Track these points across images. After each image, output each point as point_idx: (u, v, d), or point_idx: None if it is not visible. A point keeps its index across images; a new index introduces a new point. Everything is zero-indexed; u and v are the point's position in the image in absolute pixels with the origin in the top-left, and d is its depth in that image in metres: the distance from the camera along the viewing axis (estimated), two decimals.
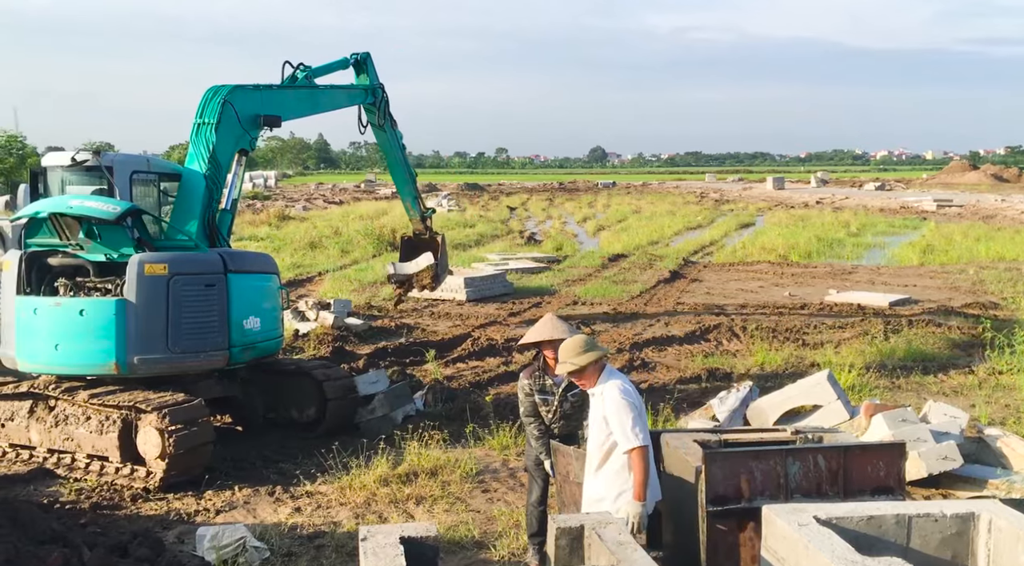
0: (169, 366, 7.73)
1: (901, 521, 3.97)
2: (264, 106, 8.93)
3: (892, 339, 12.39)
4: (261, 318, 8.39)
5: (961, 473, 6.90)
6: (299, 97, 9.64)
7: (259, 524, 6.52)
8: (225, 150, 8.53)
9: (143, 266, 7.54)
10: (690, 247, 27.34)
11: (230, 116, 8.49)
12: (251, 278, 8.35)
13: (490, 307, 16.14)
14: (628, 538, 3.94)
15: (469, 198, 59.90)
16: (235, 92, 8.62)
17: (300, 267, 22.04)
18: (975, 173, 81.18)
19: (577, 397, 5.51)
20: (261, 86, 9.11)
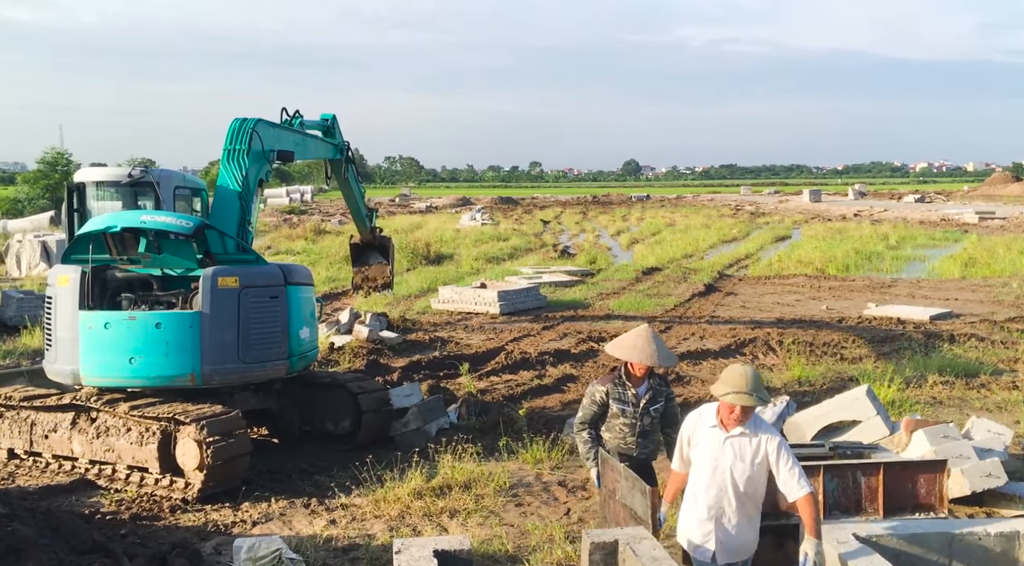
0: (240, 376, 7.97)
1: (944, 539, 3.90)
2: (279, 142, 9.41)
3: (933, 354, 12.16)
4: (311, 328, 8.72)
5: (1006, 491, 6.73)
6: (295, 140, 10.11)
7: (295, 536, 6.57)
8: (253, 176, 8.83)
9: (216, 279, 7.77)
10: (725, 260, 27.11)
11: (256, 146, 8.84)
12: (302, 290, 8.58)
13: (523, 320, 16.14)
14: (663, 553, 3.91)
15: (503, 212, 60.05)
16: (260, 125, 8.98)
17: (336, 281, 22.23)
18: (1018, 185, 79.49)
19: (658, 413, 5.46)
20: (276, 124, 9.63)
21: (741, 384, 4.25)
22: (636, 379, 5.40)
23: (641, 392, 5.42)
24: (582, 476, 7.85)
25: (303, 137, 10.48)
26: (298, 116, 10.48)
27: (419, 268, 24.54)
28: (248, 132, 8.76)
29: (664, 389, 5.60)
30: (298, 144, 10.21)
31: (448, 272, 23.73)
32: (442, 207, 66.90)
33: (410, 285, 20.87)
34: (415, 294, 19.77)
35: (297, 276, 8.60)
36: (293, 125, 10.30)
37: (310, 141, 10.83)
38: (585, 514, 7.01)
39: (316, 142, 11.07)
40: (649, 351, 5.26)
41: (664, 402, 5.51)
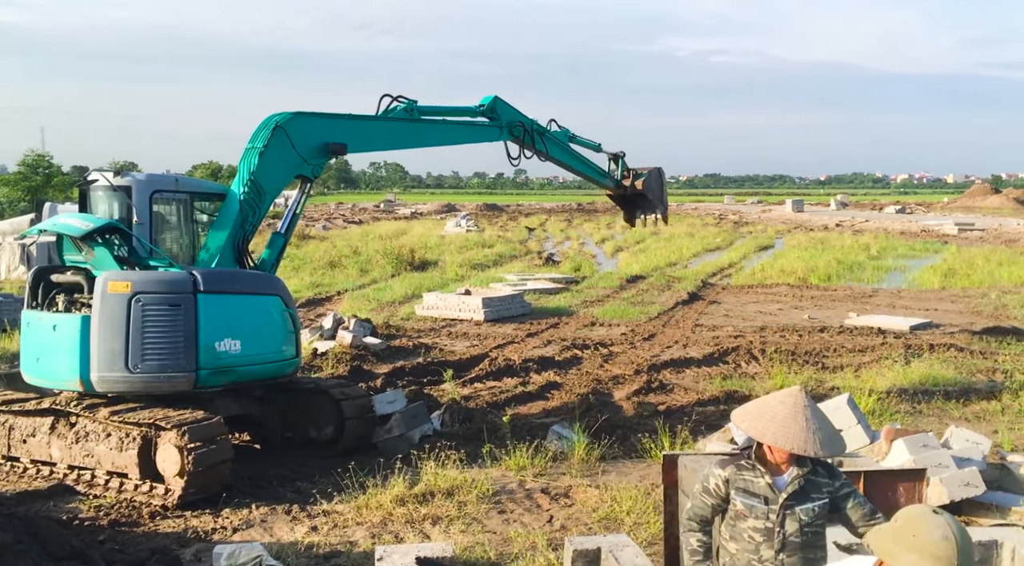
0: (129, 385, 7.64)
1: None
2: (332, 134, 8.80)
3: (913, 363, 12.27)
4: (245, 340, 7.98)
5: (984, 500, 6.80)
6: (391, 129, 9.46)
7: (276, 543, 6.54)
8: (271, 176, 8.52)
9: (107, 283, 7.60)
10: (708, 269, 27.25)
11: (282, 143, 8.48)
12: (235, 299, 8.04)
13: (508, 327, 16.15)
14: (645, 561, 3.93)
15: (488, 218, 60.11)
16: (294, 120, 8.56)
17: (319, 286, 22.16)
18: (997, 197, 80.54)
19: (815, 516, 3.61)
20: (328, 114, 8.97)
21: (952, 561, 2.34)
22: (774, 464, 3.64)
23: (781, 483, 3.62)
24: (565, 483, 7.86)
25: (406, 125, 9.57)
26: (408, 102, 9.52)
27: (404, 274, 24.51)
28: (271, 129, 8.44)
29: (826, 479, 3.64)
30: (393, 133, 9.51)
31: (433, 278, 23.71)
32: (427, 213, 66.86)
33: (394, 291, 20.83)
34: (399, 300, 19.74)
35: (229, 284, 8.08)
36: (394, 113, 9.45)
37: (430, 128, 9.87)
38: (568, 521, 7.01)
39: (444, 127, 10.05)
40: (800, 432, 3.44)
41: (828, 498, 3.63)
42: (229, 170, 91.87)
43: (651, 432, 8.84)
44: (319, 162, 8.87)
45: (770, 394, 3.65)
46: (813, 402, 3.52)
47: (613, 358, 13.25)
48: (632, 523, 6.80)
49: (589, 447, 8.45)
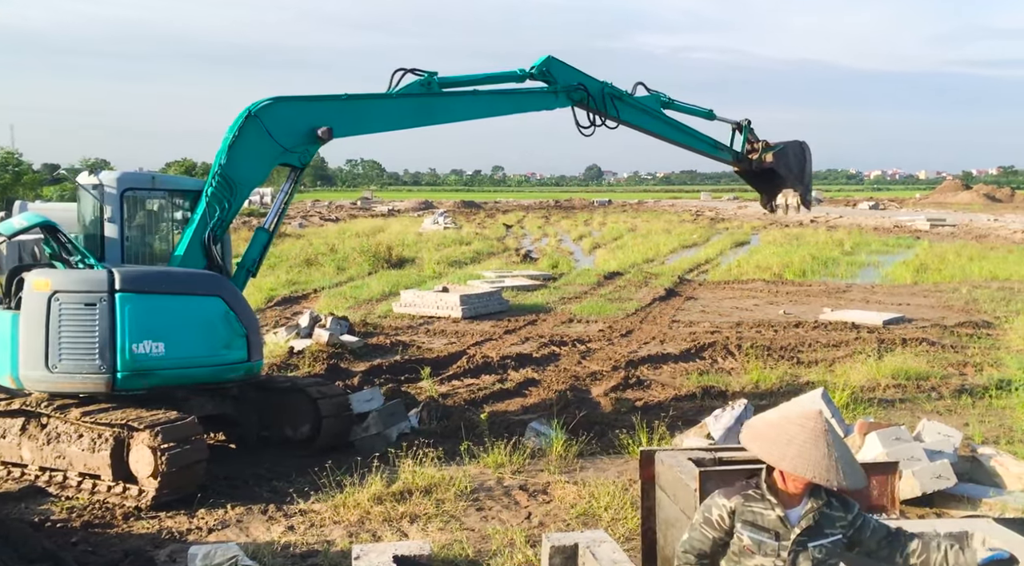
0: (50, 385, 7.59)
1: None
2: (319, 118, 8.33)
3: (886, 358, 12.41)
4: (171, 343, 7.66)
5: (955, 492, 6.90)
6: (401, 106, 8.71)
7: (252, 543, 6.49)
8: (244, 168, 8.21)
9: (31, 282, 7.58)
10: (685, 265, 27.40)
11: (256, 132, 8.15)
12: (160, 299, 7.71)
13: (485, 324, 16.14)
14: (623, 556, 3.94)
15: (465, 215, 60.05)
16: (271, 106, 8.19)
17: (296, 284, 22.02)
18: (968, 193, 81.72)
19: (829, 553, 3.24)
20: (313, 97, 8.44)
21: None
22: (787, 494, 3.23)
23: (794, 516, 3.23)
24: (543, 480, 7.87)
25: (419, 100, 8.80)
26: (427, 75, 8.74)
27: (381, 272, 24.41)
28: (243, 117, 8.13)
29: (841, 513, 3.29)
30: (399, 110, 8.73)
31: (410, 276, 23.64)
32: (404, 210, 66.67)
33: (372, 289, 20.74)
34: (377, 298, 19.66)
35: (155, 283, 7.74)
36: (409, 88, 8.69)
37: (455, 100, 9.01)
38: (546, 518, 7.02)
39: (475, 99, 9.15)
40: (822, 460, 3.02)
41: (843, 535, 3.28)
42: (204, 167, 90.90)
43: (629, 428, 8.87)
44: (305, 149, 8.41)
45: (783, 414, 3.21)
46: (834, 429, 3.09)
47: (591, 354, 13.29)
48: (610, 519, 6.83)
49: (567, 443, 8.47)
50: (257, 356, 8.33)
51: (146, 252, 8.50)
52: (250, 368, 8.28)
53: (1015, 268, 24.34)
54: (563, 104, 9.40)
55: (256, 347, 8.29)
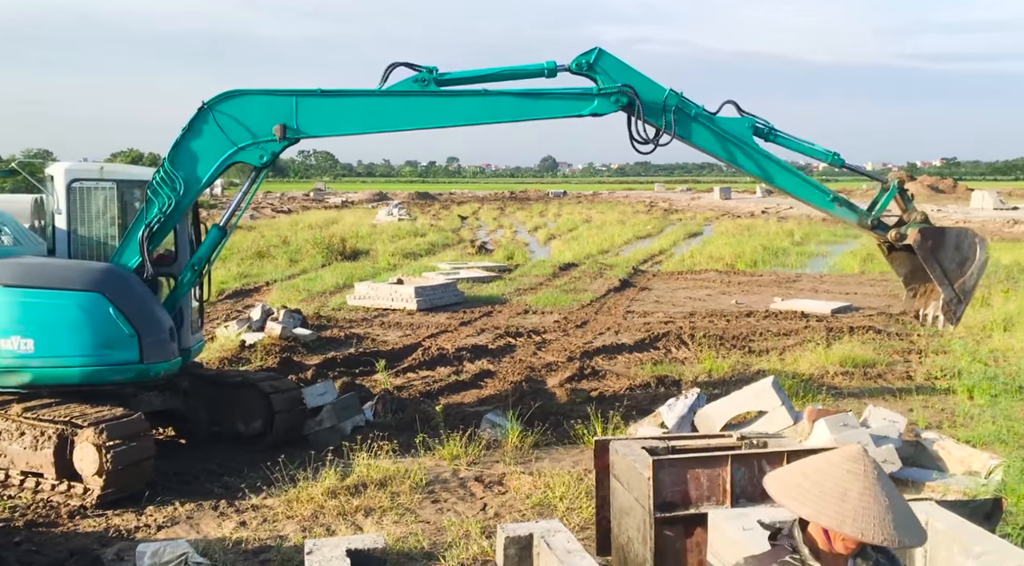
0: None
1: None
2: (282, 114, 7.75)
3: (834, 346, 12.67)
4: (41, 340, 7.33)
5: (900, 476, 7.07)
6: (381, 105, 7.87)
7: (202, 539, 6.38)
8: (192, 163, 7.89)
9: None
10: (640, 256, 27.63)
11: (207, 126, 7.80)
12: (26, 293, 7.41)
13: (441, 316, 16.08)
14: (576, 546, 3.96)
15: (420, 207, 59.73)
16: (229, 100, 7.78)
17: (247, 277, 21.69)
18: (913, 184, 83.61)
19: None
20: (280, 90, 7.81)
21: None
22: (831, 556, 2.57)
23: None
24: (499, 471, 7.88)
25: (365, 99, 7.87)
26: (426, 71, 7.82)
27: (334, 264, 24.16)
28: (196, 110, 7.80)
29: None
30: (379, 109, 7.81)
31: (364, 268, 23.44)
32: (358, 202, 66.04)
33: (325, 281, 20.53)
34: (330, 290, 19.46)
35: (16, 276, 7.44)
36: (402, 85, 7.84)
37: (452, 101, 7.91)
38: (502, 509, 7.03)
39: (478, 100, 7.92)
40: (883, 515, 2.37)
41: None
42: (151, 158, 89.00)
43: (584, 418, 8.92)
44: (264, 147, 7.84)
45: (820, 457, 2.51)
46: (885, 476, 2.48)
47: (546, 345, 13.32)
48: (565, 508, 6.86)
49: (522, 434, 8.49)
50: (156, 358, 7.73)
51: (94, 245, 8.26)
52: (143, 371, 7.69)
53: None
54: (603, 110, 7.86)
55: (154, 348, 7.69)
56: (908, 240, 8.19)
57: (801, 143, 8.34)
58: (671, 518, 4.93)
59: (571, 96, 7.98)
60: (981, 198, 56.55)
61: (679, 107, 7.91)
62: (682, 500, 4.96)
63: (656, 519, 4.89)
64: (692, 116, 7.98)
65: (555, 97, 8.02)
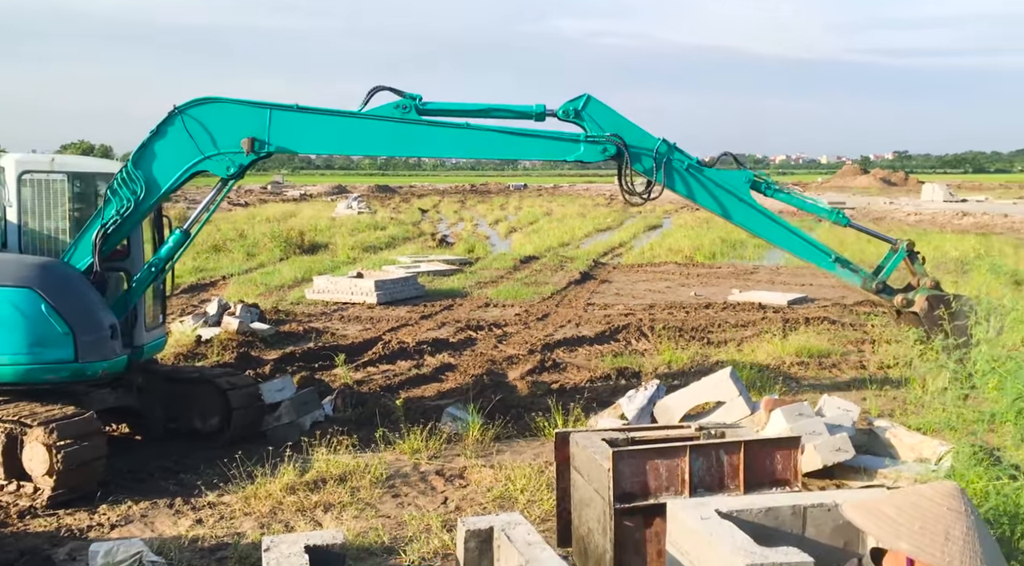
0: None
1: (797, 512, 4.12)
2: (260, 127, 7.54)
3: (790, 336, 12.88)
4: None
5: (853, 464, 7.21)
6: (359, 128, 7.65)
7: (157, 538, 6.27)
8: (155, 167, 7.67)
9: None
10: (600, 249, 27.77)
11: (176, 130, 7.62)
12: None
13: (401, 310, 16.00)
14: (537, 538, 3.96)
15: (380, 200, 59.30)
16: (201, 106, 7.60)
17: (203, 271, 21.36)
18: (866, 177, 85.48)
19: None
20: (255, 102, 7.59)
21: None
22: None
23: None
24: (460, 464, 7.87)
25: (343, 120, 7.66)
26: (408, 97, 7.61)
27: (293, 258, 23.89)
28: (167, 113, 7.58)
29: None
30: (353, 132, 7.59)
31: (323, 262, 23.21)
32: (317, 195, 65.37)
33: (283, 275, 20.28)
34: (288, 284, 19.24)
35: None
36: (383, 110, 7.60)
37: (401, 130, 7.63)
38: (463, 502, 7.02)
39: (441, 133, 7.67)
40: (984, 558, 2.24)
41: None
42: (103, 150, 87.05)
43: (545, 410, 8.95)
44: (232, 159, 7.65)
45: (912, 491, 2.40)
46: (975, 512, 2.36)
47: (507, 338, 13.33)
48: (526, 501, 6.87)
49: (483, 427, 8.48)
50: (93, 357, 7.49)
51: (45, 238, 8.04)
52: (79, 370, 7.45)
53: None
54: (589, 157, 7.75)
55: (90, 347, 7.46)
56: (915, 307, 8.01)
57: (803, 199, 8.31)
58: (631, 509, 4.97)
59: (557, 140, 7.81)
60: (931, 191, 57.92)
61: (670, 158, 7.72)
62: (641, 491, 5.00)
63: (616, 510, 4.93)
64: (684, 169, 7.79)
65: (541, 139, 7.84)
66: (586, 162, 7.90)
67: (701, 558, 3.84)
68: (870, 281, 8.05)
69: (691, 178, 7.80)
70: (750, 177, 7.96)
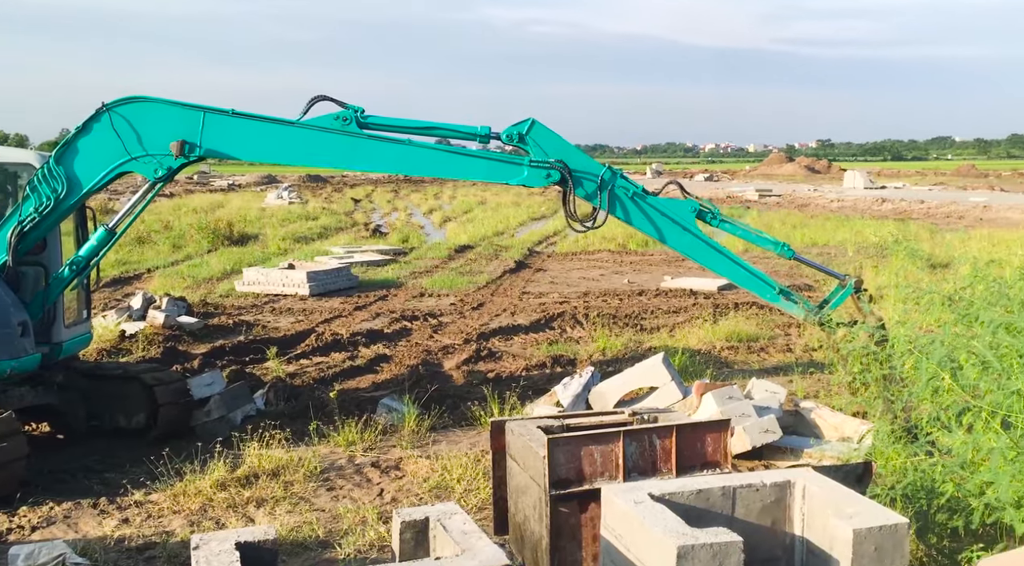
0: None
1: (727, 493, 4.22)
2: (192, 130, 7.27)
3: (720, 322, 13.16)
4: None
5: (780, 444, 7.43)
6: (296, 138, 7.39)
7: (81, 539, 6.07)
8: (77, 165, 7.37)
9: None
10: (534, 237, 27.88)
11: (103, 129, 7.30)
12: None
13: (335, 301, 15.79)
14: (473, 526, 3.96)
15: (311, 190, 58.32)
16: (131, 104, 7.32)
17: (126, 264, 20.68)
18: (791, 165, 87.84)
19: None
20: (188, 105, 7.35)
21: None
22: None
23: None
24: (395, 456, 7.82)
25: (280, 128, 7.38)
26: (349, 109, 7.38)
27: (221, 249, 23.33)
28: (92, 114, 7.27)
29: None
30: (294, 141, 7.36)
31: (253, 253, 22.74)
32: (245, 185, 63.92)
33: (211, 267, 19.80)
34: (217, 276, 18.78)
35: None
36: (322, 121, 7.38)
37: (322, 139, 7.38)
38: (399, 493, 6.99)
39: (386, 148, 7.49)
40: None
41: None
42: (18, 139, 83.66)
43: (481, 400, 8.96)
44: (160, 162, 7.36)
45: None
46: None
47: (443, 328, 13.29)
48: (463, 490, 6.88)
49: (419, 418, 8.45)
50: None
51: None
52: None
53: (832, 234, 26.41)
54: (533, 182, 7.64)
55: None
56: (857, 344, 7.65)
57: (747, 230, 8.36)
58: (566, 495, 5.02)
59: (501, 162, 7.67)
60: (853, 178, 59.87)
61: (614, 186, 7.62)
62: (577, 477, 5.05)
63: (551, 496, 4.97)
64: (629, 196, 7.68)
65: (485, 161, 7.70)
66: (530, 186, 7.81)
67: (634, 541, 3.91)
68: (813, 314, 7.92)
69: (634, 205, 7.73)
70: (696, 207, 7.90)
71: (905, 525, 3.83)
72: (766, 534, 4.26)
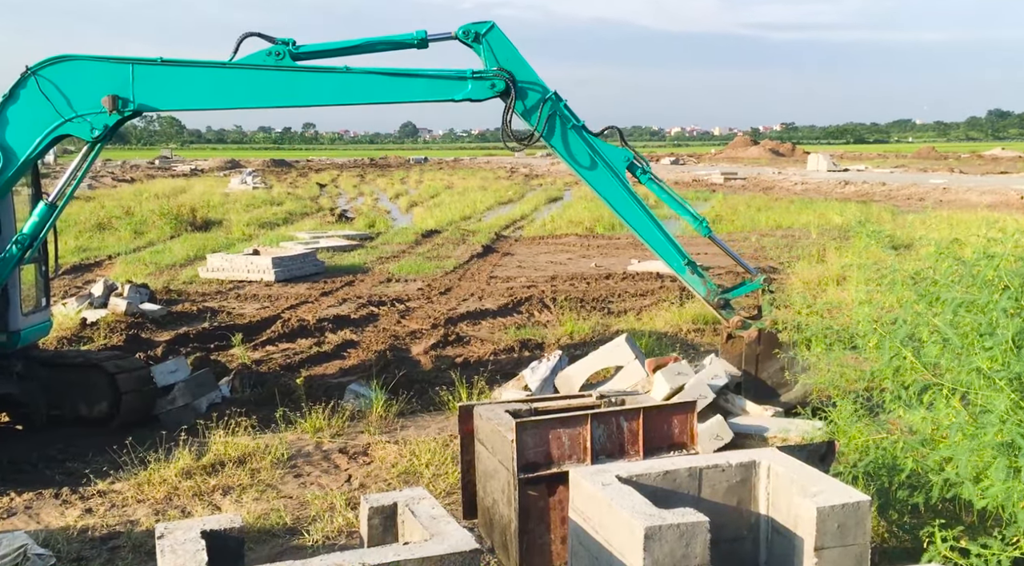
0: None
1: (693, 474, 4.26)
2: (122, 84, 7.06)
3: (686, 304, 13.26)
4: None
5: (744, 431, 7.49)
6: (229, 79, 7.19)
7: (43, 530, 5.97)
8: (9, 134, 7.15)
9: None
10: (502, 222, 27.85)
11: (31, 93, 7.09)
12: None
13: (300, 287, 15.65)
14: (441, 511, 3.96)
15: (276, 175, 57.66)
16: (56, 65, 7.08)
17: (87, 251, 20.31)
18: (756, 148, 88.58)
19: None
20: (113, 58, 7.11)
21: None
22: None
23: None
24: (363, 442, 7.79)
25: (211, 71, 7.15)
26: (280, 42, 7.13)
27: (184, 235, 23.00)
28: (16, 79, 7.04)
29: None
30: (226, 83, 7.12)
31: (217, 239, 22.45)
32: (208, 170, 63.01)
33: (174, 253, 19.51)
34: (180, 263, 18.52)
35: None
36: (254, 58, 7.13)
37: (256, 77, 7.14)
38: (367, 479, 6.97)
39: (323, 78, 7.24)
40: None
41: None
42: None
43: (449, 384, 8.94)
44: (97, 121, 7.18)
45: None
46: None
47: (410, 313, 13.24)
48: (431, 475, 6.87)
49: (387, 403, 8.42)
50: None
51: None
52: None
53: (796, 217, 26.71)
54: (478, 95, 7.31)
55: None
56: (744, 335, 8.05)
57: (671, 196, 8.24)
58: (534, 478, 5.03)
59: (443, 78, 7.39)
60: (816, 161, 60.50)
61: (557, 111, 7.43)
62: (545, 460, 5.07)
63: (520, 480, 4.98)
64: (569, 126, 7.57)
65: (426, 79, 7.40)
66: (475, 100, 7.40)
67: (602, 523, 3.94)
68: (714, 295, 8.02)
69: (572, 135, 7.59)
70: (629, 157, 7.87)
71: (867, 502, 3.90)
72: (732, 514, 4.31)
